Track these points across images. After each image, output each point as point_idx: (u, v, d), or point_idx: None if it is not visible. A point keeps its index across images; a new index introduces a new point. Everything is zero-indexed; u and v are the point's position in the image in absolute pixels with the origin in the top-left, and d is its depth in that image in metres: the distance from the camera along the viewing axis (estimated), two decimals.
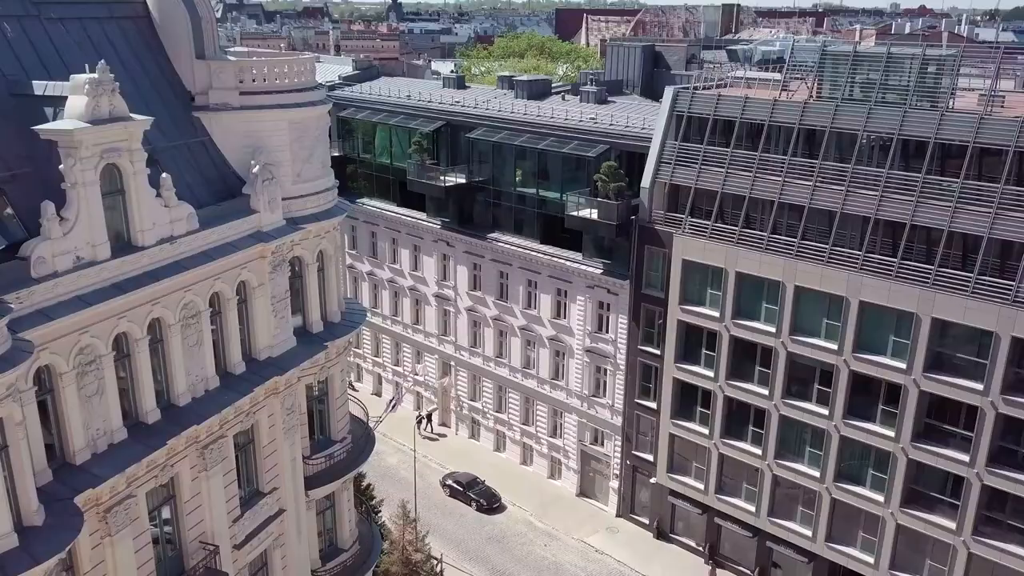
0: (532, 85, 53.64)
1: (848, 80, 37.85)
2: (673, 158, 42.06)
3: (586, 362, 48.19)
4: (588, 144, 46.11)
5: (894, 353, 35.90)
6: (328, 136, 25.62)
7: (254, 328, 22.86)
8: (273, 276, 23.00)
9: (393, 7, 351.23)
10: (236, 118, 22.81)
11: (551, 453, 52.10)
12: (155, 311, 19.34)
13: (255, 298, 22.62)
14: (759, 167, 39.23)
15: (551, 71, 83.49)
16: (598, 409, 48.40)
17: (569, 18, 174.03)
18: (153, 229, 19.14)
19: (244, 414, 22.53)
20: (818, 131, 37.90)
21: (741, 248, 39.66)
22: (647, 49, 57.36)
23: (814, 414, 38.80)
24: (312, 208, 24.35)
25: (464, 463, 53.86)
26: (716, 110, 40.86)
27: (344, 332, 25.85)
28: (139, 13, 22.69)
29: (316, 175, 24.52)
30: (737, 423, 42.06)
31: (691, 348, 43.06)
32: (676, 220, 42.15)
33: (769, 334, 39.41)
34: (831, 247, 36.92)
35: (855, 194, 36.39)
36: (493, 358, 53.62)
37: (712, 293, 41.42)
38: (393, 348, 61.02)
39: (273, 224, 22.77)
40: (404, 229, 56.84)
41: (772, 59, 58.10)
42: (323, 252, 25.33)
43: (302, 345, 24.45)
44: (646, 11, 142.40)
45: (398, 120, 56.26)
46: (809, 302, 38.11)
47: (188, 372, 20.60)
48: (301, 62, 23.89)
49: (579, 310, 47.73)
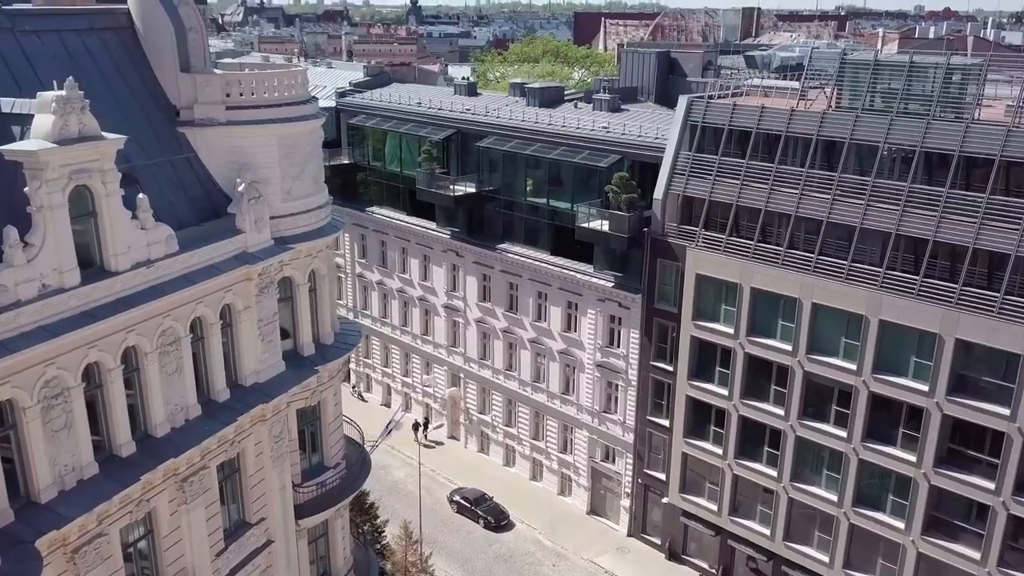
0: (544, 93, 52.50)
1: (868, 89, 36.44)
2: (687, 169, 40.78)
3: (597, 377, 46.97)
4: (600, 154, 44.92)
5: (916, 375, 34.42)
6: (321, 151, 24.59)
7: (240, 353, 21.88)
8: (260, 299, 22.03)
9: (412, 10, 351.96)
10: (222, 134, 21.86)
11: (561, 469, 50.90)
12: (130, 339, 18.39)
13: (241, 322, 21.64)
14: (775, 179, 37.88)
15: (566, 76, 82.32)
16: (609, 425, 47.16)
17: (588, 22, 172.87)
18: (128, 253, 18.19)
19: (228, 443, 21.56)
20: (837, 142, 36.51)
21: (756, 263, 38.32)
22: (662, 55, 56.07)
23: (832, 436, 37.38)
24: (303, 227, 23.34)
25: (473, 478, 52.77)
26: (731, 120, 39.55)
27: (337, 355, 24.84)
28: (122, 24, 21.81)
29: (307, 192, 23.51)
30: (752, 443, 40.67)
31: (705, 365, 41.73)
32: (689, 233, 40.86)
33: (785, 352, 38.03)
34: (850, 263, 35.50)
35: (875, 208, 34.97)
36: (503, 371, 52.52)
37: (726, 309, 40.08)
38: (403, 359, 60.08)
39: (260, 245, 21.79)
40: (414, 238, 55.88)
41: (791, 65, 56.61)
42: (315, 272, 24.32)
43: (292, 369, 23.46)
44: (665, 14, 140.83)
45: (408, 128, 55.33)
46: (827, 320, 36.70)
47: (167, 401, 19.64)
48: (291, 75, 22.90)
49: (590, 323, 46.53)
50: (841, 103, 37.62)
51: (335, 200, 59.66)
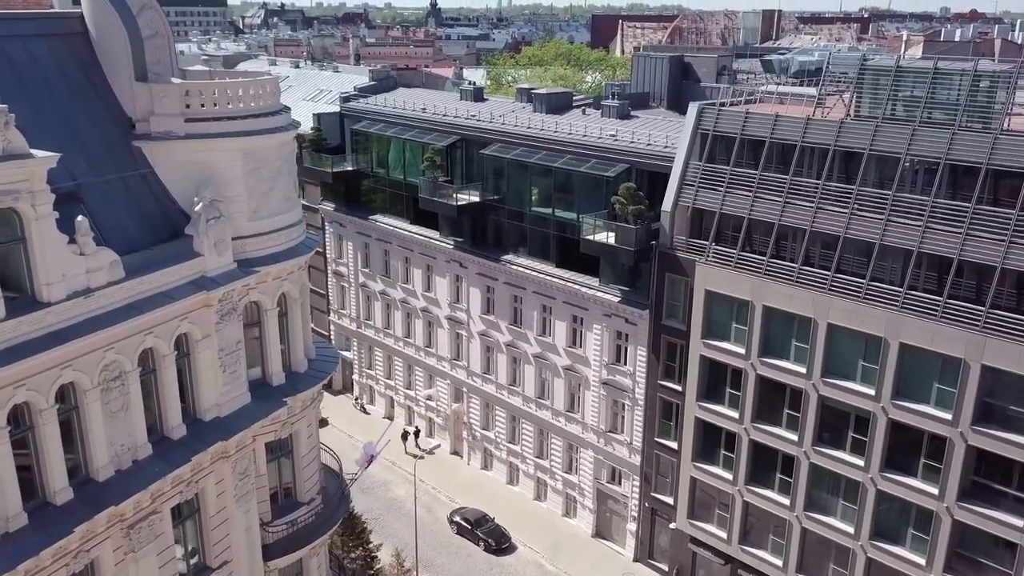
0: (551, 98, 50.65)
1: (890, 97, 34.30)
2: (697, 180, 38.80)
3: (603, 395, 45.02)
4: (607, 163, 43.02)
5: (939, 402, 32.24)
6: (294, 165, 22.88)
7: (198, 386, 20.20)
8: (221, 326, 20.33)
9: (432, 13, 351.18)
10: (181, 148, 20.19)
11: (566, 490, 48.98)
12: (66, 375, 16.76)
13: (199, 352, 19.96)
14: (790, 192, 35.82)
15: (579, 80, 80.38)
16: (615, 446, 45.19)
17: (605, 24, 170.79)
18: (63, 281, 16.55)
19: (185, 483, 19.89)
20: (856, 153, 34.40)
21: (769, 280, 36.26)
22: (675, 60, 54.01)
23: (848, 464, 35.25)
24: (271, 247, 21.64)
25: (475, 496, 50.99)
26: (744, 128, 37.52)
27: (310, 384, 23.11)
28: (74, 30, 20.20)
29: (277, 210, 21.80)
30: (763, 469, 38.59)
31: (714, 386, 39.70)
32: (699, 247, 38.86)
33: (799, 375, 35.94)
34: (868, 282, 33.37)
35: (896, 224, 32.82)
36: (506, 386, 50.71)
37: (737, 327, 38.04)
38: (405, 371, 58.41)
39: (220, 268, 20.09)
40: (417, 248, 54.22)
41: (810, 70, 54.38)
42: (286, 295, 22.63)
43: (259, 401, 21.76)
44: (683, 17, 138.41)
45: (412, 134, 53.68)
46: (844, 342, 34.59)
47: (110, 442, 17.99)
48: (258, 84, 21.19)
49: (595, 339, 44.61)
50: (860, 111, 35.48)
51: (339, 207, 59.72)
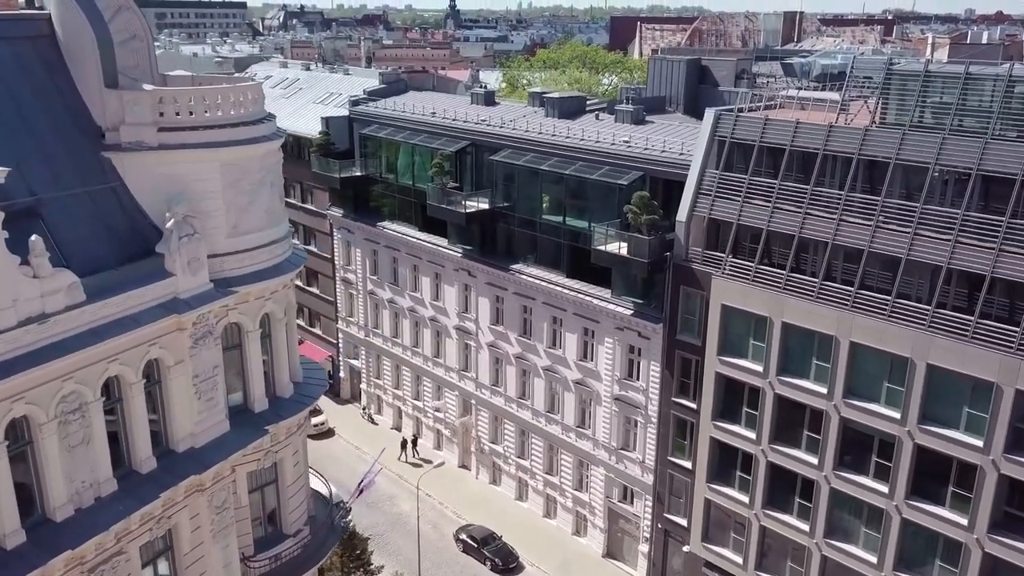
0: (564, 103, 49.07)
1: (918, 103, 32.48)
2: (713, 189, 37.10)
3: (615, 411, 43.38)
4: (620, 170, 41.39)
5: (969, 428, 30.38)
6: (280, 177, 21.47)
7: (171, 415, 18.84)
8: (196, 351, 18.94)
9: (451, 14, 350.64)
10: (154, 159, 18.84)
11: (576, 508, 47.36)
12: (17, 409, 15.42)
13: (171, 379, 18.58)
14: (811, 203, 34.05)
15: (595, 83, 78.72)
16: (627, 464, 43.52)
17: (624, 26, 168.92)
18: (13, 307, 15.22)
19: (155, 520, 18.50)
20: (881, 163, 32.58)
21: (788, 295, 34.50)
22: (692, 63, 52.30)
23: (871, 491, 33.43)
24: (252, 265, 20.24)
25: (483, 512, 49.50)
26: (763, 136, 35.79)
27: (294, 410, 21.71)
28: (41, 32, 18.88)
29: (259, 225, 20.39)
30: (781, 493, 36.82)
31: (731, 404, 37.97)
32: (715, 259, 37.16)
33: (820, 395, 34.16)
34: (894, 299, 31.55)
35: (924, 238, 30.98)
36: (515, 399, 49.17)
37: (755, 344, 36.30)
38: (413, 381, 57.01)
39: (194, 289, 18.70)
40: (425, 256, 52.82)
41: (833, 74, 52.49)
42: (269, 316, 21.21)
43: (239, 429, 20.37)
44: (703, 18, 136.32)
45: (421, 139, 52.29)
46: (867, 362, 32.79)
47: (69, 478, 16.64)
48: (239, 91, 19.80)
49: (607, 353, 42.98)
50: (886, 118, 33.67)
51: (347, 213, 58.39)
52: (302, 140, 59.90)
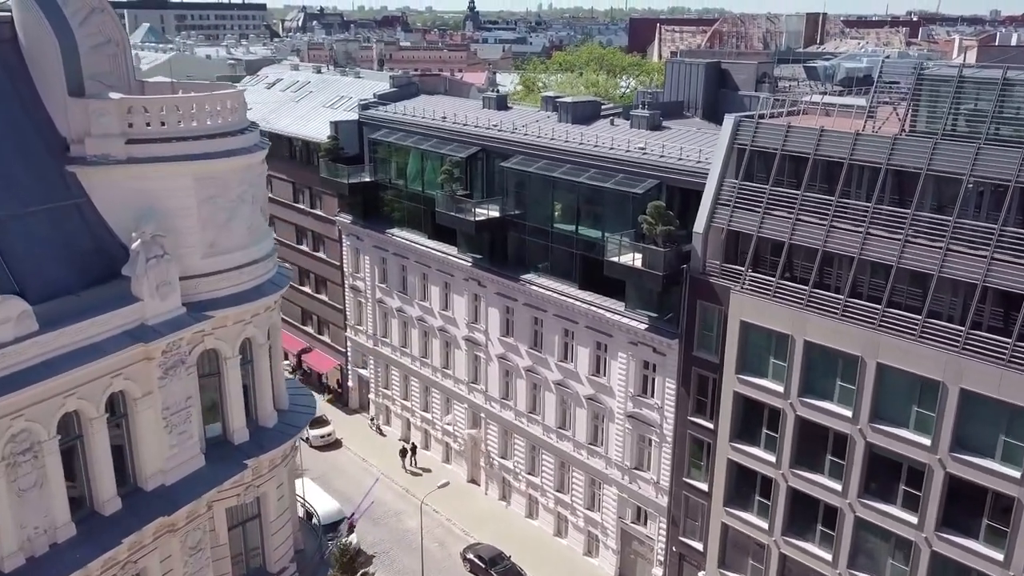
0: (577, 107, 47.39)
1: (951, 110, 30.57)
2: (732, 199, 35.33)
3: (628, 429, 41.65)
4: (635, 178, 39.68)
5: (1005, 457, 28.43)
6: (263, 190, 19.99)
7: (138, 450, 17.37)
8: (166, 382, 17.47)
9: (470, 16, 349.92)
10: (122, 174, 17.38)
11: (588, 527, 45.65)
12: None
13: (138, 412, 17.12)
14: (836, 215, 32.21)
15: (612, 87, 76.93)
16: (641, 484, 41.77)
17: (643, 28, 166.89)
18: None
19: (120, 565, 17.03)
20: (911, 173, 30.69)
21: (812, 312, 32.67)
22: (711, 66, 50.48)
23: (899, 521, 31.52)
24: (231, 287, 18.75)
25: (492, 529, 47.90)
26: (785, 143, 33.98)
27: (278, 441, 20.18)
28: (3, 36, 17.47)
29: (238, 244, 18.90)
30: (803, 520, 34.98)
31: (750, 425, 36.17)
32: (734, 273, 35.38)
33: (844, 419, 32.30)
34: (925, 319, 29.65)
35: (957, 254, 29.09)
36: (526, 413, 47.54)
37: (776, 363, 34.49)
38: (422, 392, 55.51)
39: (164, 315, 17.23)
40: (434, 264, 51.32)
41: (858, 78, 50.55)
42: (250, 341, 19.70)
43: (217, 464, 18.88)
44: (724, 20, 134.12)
45: (430, 144, 50.81)
46: (896, 384, 30.89)
47: (20, 524, 15.22)
48: (215, 99, 18.31)
49: (620, 368, 41.26)
50: (916, 126, 31.78)
51: (356, 220, 56.96)
52: (311, 144, 58.63)
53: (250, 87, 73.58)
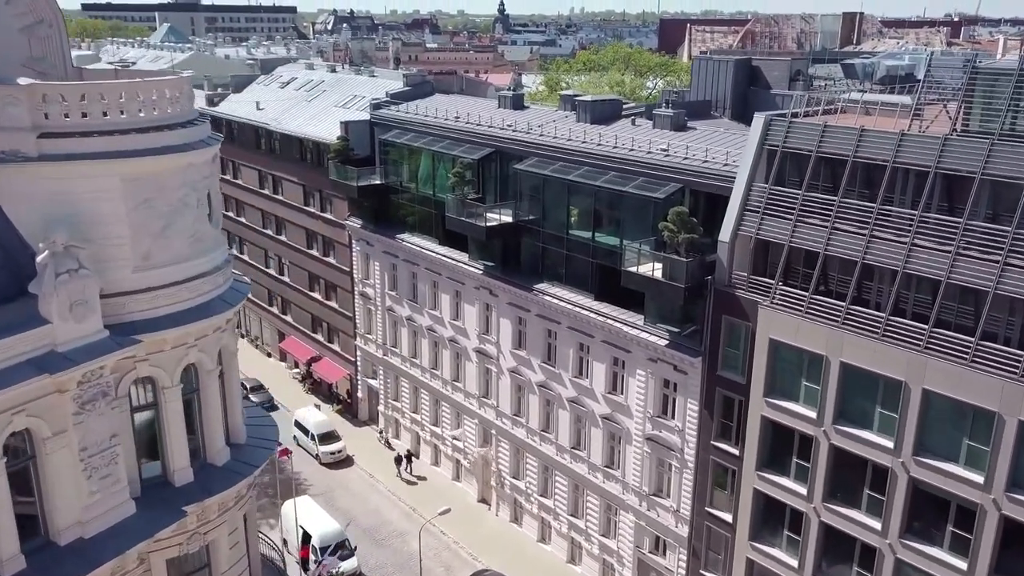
0: (597, 107, 44.44)
1: (1010, 107, 27.25)
2: (762, 206, 32.23)
3: (647, 452, 38.59)
4: (656, 182, 36.70)
5: None
6: (215, 191, 17.32)
7: (49, 499, 14.75)
8: (83, 418, 14.84)
9: (500, 19, 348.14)
10: (35, 173, 14.79)
11: (603, 555, 42.60)
12: None
13: (47, 454, 14.53)
14: (877, 223, 28.99)
15: (639, 87, 73.88)
16: (660, 512, 38.69)
17: (674, 29, 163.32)
18: None
19: None
20: (964, 177, 27.43)
21: (849, 331, 29.46)
22: (741, 64, 47.30)
23: (946, 566, 28.21)
24: (169, 306, 16.11)
25: (502, 554, 45.07)
26: (821, 144, 30.83)
27: (229, 482, 17.50)
28: None
29: (179, 256, 16.25)
30: (837, 560, 31.76)
31: (779, 454, 33.01)
32: (763, 286, 32.26)
33: (885, 450, 29.06)
34: (977, 342, 26.37)
35: (1015, 269, 25.79)
36: (538, 431, 44.63)
37: (808, 386, 31.32)
38: (432, 405, 52.81)
39: (79, 339, 14.61)
40: (445, 272, 48.62)
41: (900, 76, 47.03)
42: (195, 367, 17.03)
43: (150, 510, 16.21)
44: (756, 20, 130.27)
45: (442, 146, 48.16)
46: (944, 413, 27.65)
47: None
48: (153, 85, 15.67)
49: (639, 387, 38.23)
50: (969, 125, 28.49)
51: (366, 224, 54.35)
52: (321, 146, 56.27)
53: (264, 86, 71.56)
